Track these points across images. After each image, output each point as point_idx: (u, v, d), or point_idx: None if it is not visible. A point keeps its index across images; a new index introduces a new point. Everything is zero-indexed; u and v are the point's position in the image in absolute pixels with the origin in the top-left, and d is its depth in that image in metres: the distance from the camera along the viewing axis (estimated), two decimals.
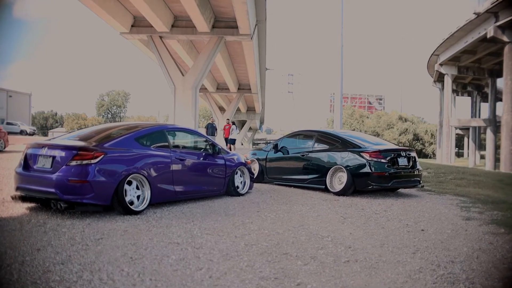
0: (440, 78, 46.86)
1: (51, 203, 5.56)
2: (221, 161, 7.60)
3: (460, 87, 52.95)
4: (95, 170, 5.51)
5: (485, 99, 52.71)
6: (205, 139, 7.79)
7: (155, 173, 6.25)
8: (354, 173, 8.28)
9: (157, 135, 6.70)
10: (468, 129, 56.11)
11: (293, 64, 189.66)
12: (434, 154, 65.05)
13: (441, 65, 42.80)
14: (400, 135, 71.97)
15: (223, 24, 22.54)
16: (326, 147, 9.05)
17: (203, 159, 7.31)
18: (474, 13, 30.07)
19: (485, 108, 52.53)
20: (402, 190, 9.36)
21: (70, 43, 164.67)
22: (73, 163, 5.51)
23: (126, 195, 5.79)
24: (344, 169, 8.37)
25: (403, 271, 3.97)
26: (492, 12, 28.81)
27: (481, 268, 4.11)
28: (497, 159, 36.43)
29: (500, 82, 40.76)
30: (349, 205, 7.36)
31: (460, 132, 62.98)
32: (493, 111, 43.10)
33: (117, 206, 5.74)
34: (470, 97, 56.39)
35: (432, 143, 70.88)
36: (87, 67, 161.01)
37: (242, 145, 57.12)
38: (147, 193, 6.08)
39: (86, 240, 4.54)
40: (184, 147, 7.29)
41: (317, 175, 8.85)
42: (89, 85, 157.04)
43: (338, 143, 8.90)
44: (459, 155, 67.46)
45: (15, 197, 5.92)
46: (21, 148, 6.30)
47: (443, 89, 46.86)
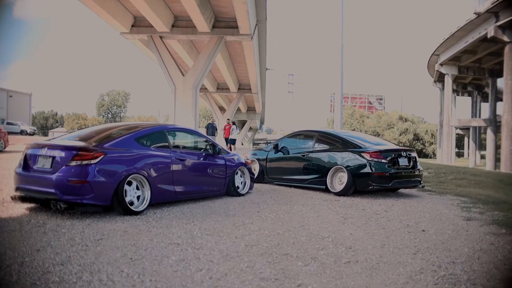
0: (440, 78, 46.85)
1: (51, 204, 5.55)
2: (221, 161, 7.59)
3: (461, 87, 52.95)
4: (95, 171, 5.50)
5: (485, 99, 52.69)
6: (205, 139, 7.78)
7: (155, 173, 6.24)
8: (355, 173, 8.27)
9: (157, 135, 6.69)
10: (468, 129, 56.11)
11: (293, 64, 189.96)
12: (434, 154, 65.04)
13: (441, 65, 42.79)
14: (400, 135, 71.96)
15: (223, 24, 22.53)
16: (326, 147, 9.04)
17: (203, 159, 7.30)
18: (474, 13, 30.06)
19: (485, 108, 52.56)
20: (403, 190, 9.34)
21: (70, 43, 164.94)
22: (73, 163, 5.50)
23: (126, 196, 5.78)
24: (345, 169, 8.36)
25: (404, 272, 3.96)
26: (493, 12, 28.80)
27: (482, 269, 4.10)
28: (497, 159, 36.44)
29: (500, 82, 40.73)
30: (350, 206, 7.35)
31: (461, 132, 62.96)
32: (493, 111, 43.09)
33: (117, 206, 5.73)
34: (470, 97, 56.37)
35: (432, 143, 70.87)
36: (87, 67, 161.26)
37: (242, 145, 57.11)
38: (147, 194, 6.07)
39: (85, 240, 4.53)
40: (184, 147, 7.28)
41: (317, 175, 8.84)
42: (89, 85, 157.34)
43: (339, 143, 8.89)
44: (459, 155, 67.42)
45: (14, 198, 5.92)
46: (21, 148, 6.29)
47: (443, 89, 46.85)
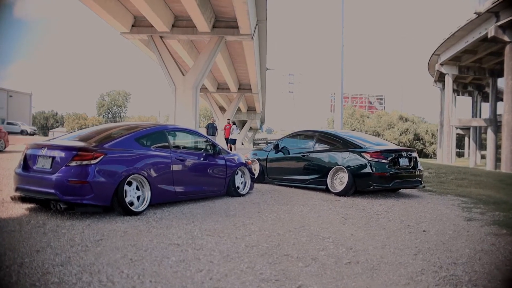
0: (440, 78, 46.81)
1: (51, 204, 5.54)
2: (221, 162, 7.57)
3: (461, 87, 52.91)
4: (95, 171, 5.49)
5: (485, 99, 52.67)
6: (205, 139, 7.76)
7: (155, 173, 6.22)
8: (355, 173, 8.25)
9: (157, 135, 6.68)
10: (468, 129, 56.05)
11: (294, 64, 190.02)
12: (434, 154, 65.00)
13: (441, 65, 42.74)
14: (400, 135, 71.91)
15: (223, 24, 22.51)
16: (327, 147, 9.02)
17: (203, 160, 7.29)
18: (475, 12, 30.02)
19: (485, 108, 52.55)
20: (403, 191, 9.33)
21: (70, 43, 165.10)
22: (73, 163, 5.49)
23: (126, 196, 5.77)
24: (345, 170, 8.35)
25: (405, 272, 3.94)
26: (493, 12, 28.76)
27: (483, 269, 4.08)
28: (498, 159, 36.43)
29: (501, 82, 40.69)
30: (350, 206, 7.33)
31: (461, 132, 62.91)
32: (493, 111, 43.06)
33: (117, 207, 5.72)
34: (470, 97, 56.31)
35: (432, 143, 70.84)
36: (87, 67, 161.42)
37: (242, 145, 57.08)
38: (147, 194, 6.05)
39: (85, 241, 4.52)
40: (184, 147, 7.27)
41: (318, 176, 8.82)
42: (89, 85, 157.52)
43: (339, 143, 8.87)
44: (459, 155, 67.36)
45: (14, 198, 5.91)
46: (22, 148, 6.28)
47: (443, 89, 46.79)
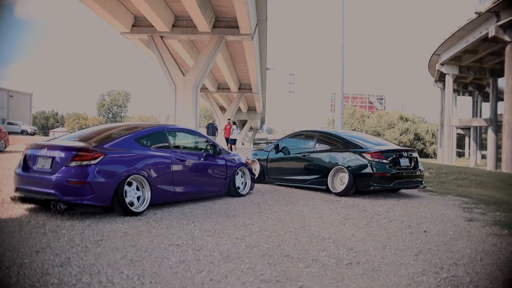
0: (441, 77, 46.77)
1: (51, 204, 5.52)
2: (221, 162, 7.56)
3: (461, 87, 52.85)
4: (95, 171, 5.48)
5: (486, 98, 52.62)
6: (205, 139, 7.75)
7: (155, 174, 6.21)
8: (356, 173, 8.24)
9: (157, 135, 6.66)
10: (469, 128, 56.00)
11: (294, 63, 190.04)
12: (435, 154, 64.95)
13: (442, 64, 42.70)
14: (401, 135, 71.84)
15: (224, 24, 22.50)
16: (327, 147, 9.00)
17: (203, 160, 7.27)
18: (475, 12, 29.99)
19: (486, 107, 52.50)
20: (404, 191, 9.31)
21: (71, 43, 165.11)
22: (73, 164, 5.47)
23: (126, 196, 5.75)
24: (346, 170, 8.33)
25: (406, 273, 3.92)
26: (494, 12, 28.72)
27: (484, 270, 4.06)
28: (498, 159, 36.39)
29: (501, 82, 40.62)
30: (351, 206, 7.32)
31: (461, 132, 62.87)
32: (494, 110, 43.01)
33: (117, 207, 5.70)
34: (471, 97, 56.26)
35: (433, 143, 70.78)
36: (88, 67, 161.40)
37: (243, 144, 57.08)
38: (147, 194, 6.04)
39: (85, 242, 4.50)
40: (184, 147, 7.25)
41: (318, 176, 8.80)
42: (90, 85, 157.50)
43: (340, 143, 8.86)
44: (460, 155, 67.32)
45: (14, 198, 5.90)
46: (22, 148, 6.27)
47: (444, 88, 46.75)
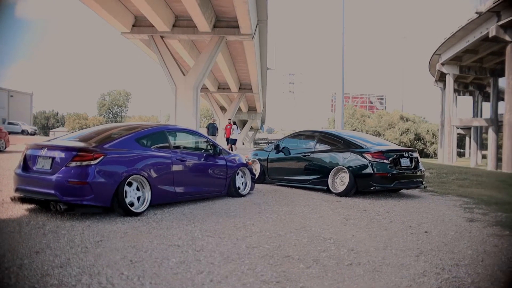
0: (441, 77, 46.72)
1: (51, 205, 5.50)
2: (222, 162, 7.54)
3: (462, 87, 52.79)
4: (95, 172, 5.46)
5: (487, 98, 52.57)
6: (206, 139, 7.73)
7: (155, 174, 6.19)
8: (356, 173, 8.22)
9: (157, 135, 6.64)
10: (469, 128, 55.96)
11: (294, 63, 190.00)
12: (435, 154, 64.90)
13: (442, 64, 42.66)
14: (401, 134, 71.78)
15: (224, 23, 22.50)
16: (328, 147, 8.99)
17: (204, 160, 7.26)
18: (476, 12, 29.97)
19: (487, 107, 52.45)
20: (405, 191, 9.29)
21: (71, 43, 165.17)
22: (73, 164, 5.46)
23: (126, 197, 5.74)
24: (346, 170, 8.31)
25: (407, 274, 3.91)
26: (494, 12, 28.70)
27: (486, 271, 4.04)
28: (499, 159, 36.36)
29: (502, 82, 40.57)
30: (351, 206, 7.30)
31: (462, 131, 62.80)
32: (495, 110, 42.98)
33: (117, 207, 5.69)
34: (471, 97, 56.23)
35: (433, 143, 70.69)
36: (88, 66, 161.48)
37: (243, 144, 57.08)
38: (148, 195, 6.02)
39: (85, 242, 4.49)
40: (185, 147, 7.23)
41: (319, 176, 8.79)
42: (90, 84, 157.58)
43: (340, 143, 8.84)
44: (460, 155, 67.26)
45: (14, 198, 5.88)
46: (22, 148, 6.25)
47: (444, 88, 46.70)
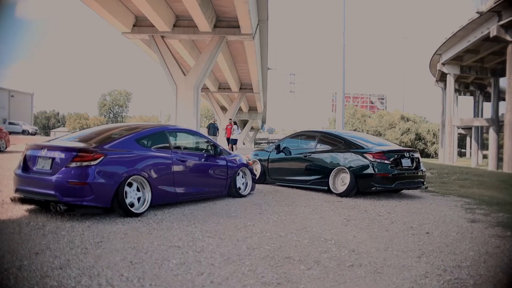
0: (442, 77, 46.69)
1: (51, 205, 5.48)
2: (222, 162, 7.52)
3: (463, 87, 52.74)
4: (95, 172, 5.44)
5: (487, 98, 52.52)
6: (206, 140, 7.71)
7: (156, 174, 6.17)
8: (357, 174, 8.19)
9: (158, 136, 6.62)
10: (470, 128, 55.93)
11: (295, 63, 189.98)
12: (436, 154, 64.86)
13: (443, 64, 42.62)
14: (402, 134, 71.72)
15: (224, 23, 22.48)
16: (329, 147, 8.96)
17: (204, 160, 7.23)
18: (477, 12, 29.93)
19: (487, 107, 52.40)
20: (406, 191, 9.26)
21: (72, 43, 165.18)
22: (73, 164, 5.43)
23: (126, 197, 5.71)
24: (347, 170, 8.29)
25: (408, 276, 3.88)
26: (495, 11, 28.67)
27: (488, 273, 4.02)
28: (500, 159, 36.32)
29: (503, 82, 40.57)
30: (352, 207, 7.28)
31: (463, 131, 62.73)
32: (495, 110, 42.94)
33: (117, 208, 5.67)
34: (472, 97, 56.18)
35: (434, 143, 70.62)
36: (89, 66, 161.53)
37: (244, 144, 57.05)
38: (148, 195, 6.00)
39: (85, 243, 4.47)
40: (185, 148, 7.21)
41: (319, 176, 8.76)
42: (91, 84, 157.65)
43: (341, 143, 8.81)
44: (461, 154, 67.21)
45: (14, 199, 5.87)
46: (23, 149, 6.24)
47: (445, 88, 46.66)
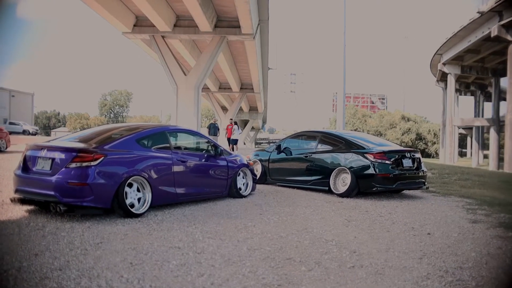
0: (443, 77, 46.66)
1: (51, 206, 5.47)
2: (223, 163, 7.50)
3: (463, 87, 52.70)
4: (95, 173, 5.42)
5: (488, 98, 52.44)
6: (207, 140, 7.69)
7: (156, 175, 6.15)
8: (358, 174, 8.17)
9: (158, 136, 6.61)
10: (471, 128, 55.88)
11: (296, 63, 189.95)
12: (437, 154, 64.81)
13: (444, 64, 42.58)
14: (403, 134, 71.68)
15: (225, 23, 22.47)
16: (329, 148, 8.94)
17: (205, 161, 7.21)
18: (478, 12, 29.90)
19: (488, 107, 52.33)
20: (407, 192, 9.24)
21: (72, 43, 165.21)
22: (73, 165, 5.42)
23: (126, 198, 5.70)
24: (348, 171, 8.26)
25: (410, 277, 3.86)
26: (496, 11, 28.64)
27: (490, 274, 3.99)
28: (500, 159, 36.28)
29: (503, 82, 40.51)
30: (353, 207, 7.25)
31: (463, 131, 62.66)
32: (496, 110, 42.88)
33: (117, 209, 5.65)
34: (473, 97, 56.13)
35: (435, 143, 70.56)
36: (89, 66, 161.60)
37: (244, 144, 57.04)
38: (148, 196, 5.98)
39: (85, 244, 4.45)
40: (185, 148, 7.19)
41: (320, 177, 8.74)
42: (91, 84, 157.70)
43: (342, 144, 8.79)
44: (462, 154, 67.14)
45: (14, 200, 5.85)
46: (23, 149, 6.22)
47: (446, 88, 46.62)
